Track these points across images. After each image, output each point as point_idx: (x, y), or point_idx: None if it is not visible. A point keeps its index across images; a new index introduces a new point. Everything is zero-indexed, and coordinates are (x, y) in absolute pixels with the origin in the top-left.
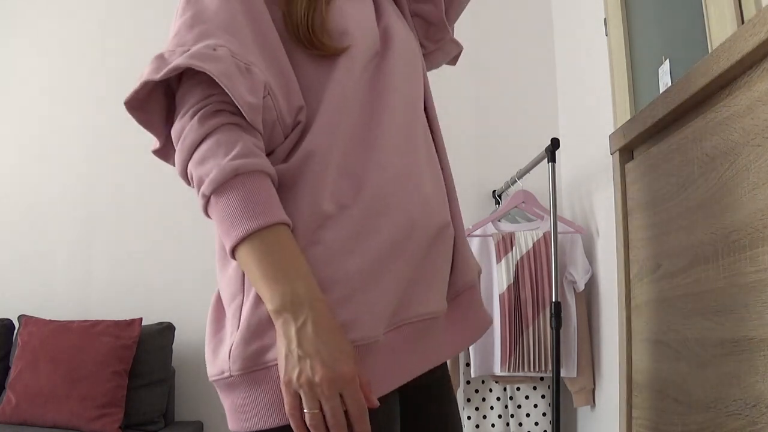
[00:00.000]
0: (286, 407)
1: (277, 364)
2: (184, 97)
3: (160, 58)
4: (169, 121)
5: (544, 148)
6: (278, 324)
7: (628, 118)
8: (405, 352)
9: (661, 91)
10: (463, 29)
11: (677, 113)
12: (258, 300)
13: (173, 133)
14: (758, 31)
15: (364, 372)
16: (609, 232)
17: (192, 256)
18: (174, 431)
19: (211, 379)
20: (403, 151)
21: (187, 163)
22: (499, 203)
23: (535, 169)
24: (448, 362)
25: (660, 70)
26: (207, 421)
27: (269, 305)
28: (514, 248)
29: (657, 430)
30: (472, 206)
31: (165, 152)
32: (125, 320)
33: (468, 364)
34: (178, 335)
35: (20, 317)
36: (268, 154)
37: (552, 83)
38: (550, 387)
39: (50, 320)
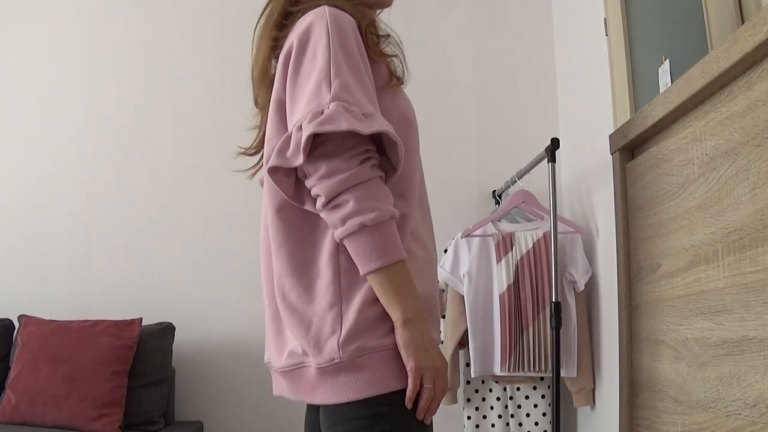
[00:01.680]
0: (413, 383)
1: (371, 353)
2: (348, 141)
3: (343, 109)
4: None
5: (544, 148)
6: (407, 327)
7: (628, 118)
8: None
9: (661, 91)
10: (463, 29)
11: (677, 113)
12: (362, 308)
13: (337, 165)
14: (758, 31)
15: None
16: (609, 232)
17: (192, 256)
18: (174, 431)
19: (320, 366)
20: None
21: (349, 193)
22: (499, 203)
23: (535, 169)
24: (448, 362)
25: (660, 70)
26: (207, 421)
27: (402, 314)
28: (514, 248)
29: (657, 430)
30: (472, 206)
31: (288, 172)
32: (125, 320)
33: (468, 364)
34: (178, 335)
35: (20, 317)
36: None
37: (552, 83)
38: (550, 387)
39: (50, 320)
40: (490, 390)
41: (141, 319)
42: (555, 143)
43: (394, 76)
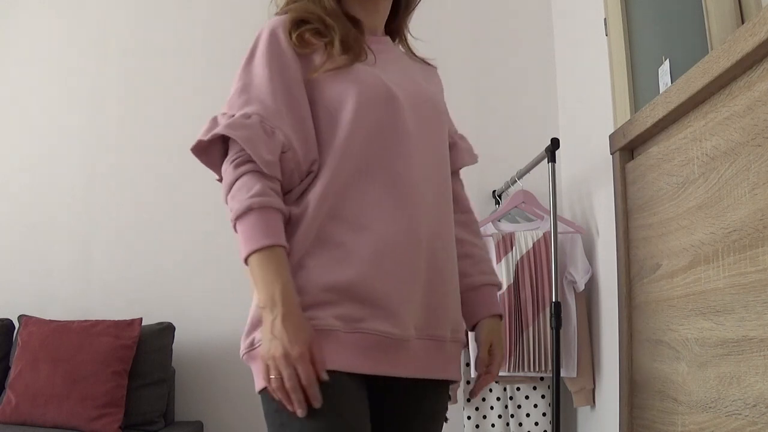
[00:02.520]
0: (263, 374)
1: (257, 347)
2: (229, 150)
3: (214, 121)
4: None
5: (544, 148)
6: (263, 316)
7: (628, 118)
8: (357, 351)
9: (661, 91)
10: (463, 29)
11: (677, 113)
12: (257, 303)
13: (222, 173)
14: (758, 31)
15: (319, 352)
16: (609, 232)
17: (192, 257)
18: (174, 431)
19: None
20: None
21: (227, 197)
22: (499, 203)
23: (535, 169)
24: None
25: (660, 70)
26: (207, 421)
27: (259, 303)
28: (514, 248)
29: (657, 430)
30: (472, 206)
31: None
32: (125, 320)
33: (468, 364)
34: (178, 335)
35: (20, 317)
36: (287, 193)
37: (552, 83)
38: (550, 387)
39: (50, 320)
40: (490, 390)
41: (141, 319)
42: (555, 143)
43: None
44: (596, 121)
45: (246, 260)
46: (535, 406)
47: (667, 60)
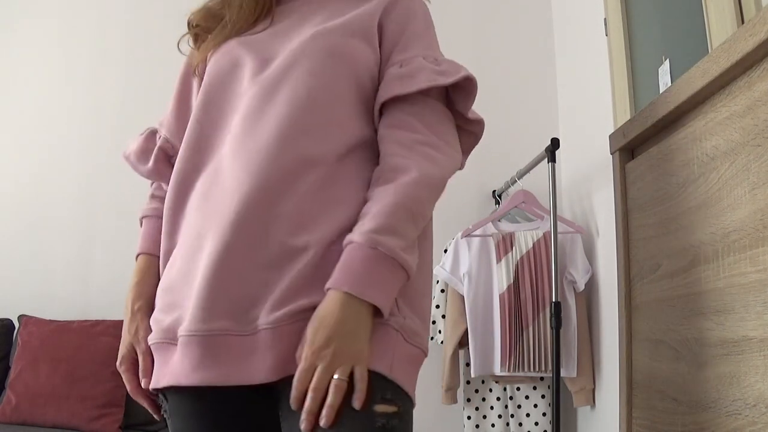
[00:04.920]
0: None
1: None
2: None
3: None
4: None
5: (544, 148)
6: None
7: (628, 118)
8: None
9: (661, 91)
10: (463, 29)
11: (677, 113)
12: None
13: None
14: (758, 31)
15: (141, 365)
16: (609, 232)
17: None
18: None
19: None
20: None
21: None
22: (499, 203)
23: (535, 169)
24: (448, 362)
25: (660, 70)
26: None
27: None
28: (514, 248)
29: (657, 430)
30: (472, 206)
31: None
32: None
33: (468, 364)
34: None
35: (20, 317)
36: None
37: (552, 83)
38: (550, 387)
39: (50, 320)
40: (490, 390)
41: None
42: (555, 143)
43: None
44: (596, 121)
45: None
46: (535, 406)
47: (667, 60)
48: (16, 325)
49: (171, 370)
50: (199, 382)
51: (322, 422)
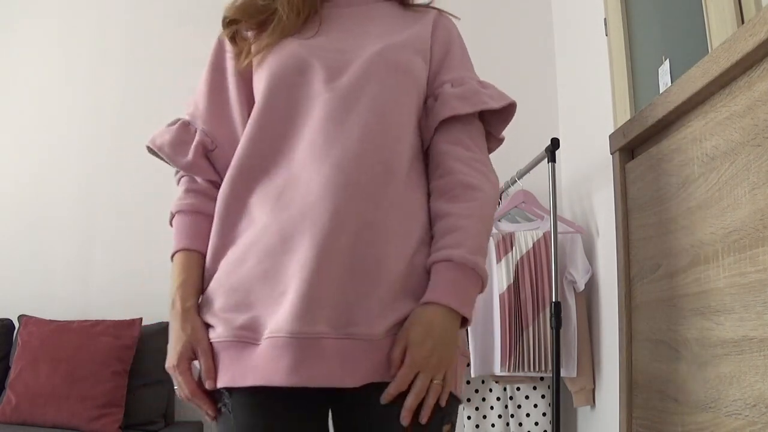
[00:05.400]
0: None
1: None
2: None
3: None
4: None
5: (544, 148)
6: None
7: (628, 118)
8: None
9: (661, 91)
10: (463, 29)
11: (677, 113)
12: None
13: None
14: (758, 31)
15: (204, 365)
16: (609, 232)
17: None
18: (174, 431)
19: None
20: None
21: None
22: (499, 203)
23: (535, 169)
24: None
25: (660, 70)
26: (207, 421)
27: None
28: (514, 248)
29: (657, 430)
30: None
31: None
32: (125, 320)
33: (468, 364)
34: None
35: (20, 317)
36: None
37: (552, 83)
38: (550, 387)
39: (50, 320)
40: (490, 390)
41: (141, 319)
42: (555, 143)
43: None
44: (596, 121)
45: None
46: (535, 406)
47: (667, 60)
48: (16, 325)
49: (257, 369)
50: (296, 383)
51: (423, 419)
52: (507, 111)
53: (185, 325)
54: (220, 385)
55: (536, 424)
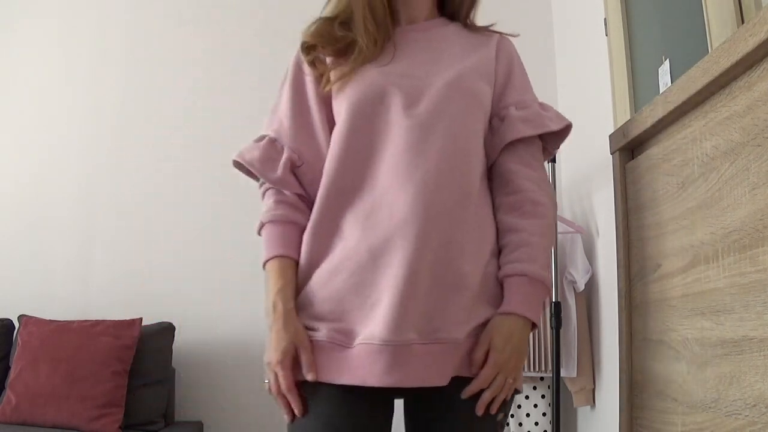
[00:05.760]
0: None
1: None
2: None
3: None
4: None
5: None
6: None
7: (628, 118)
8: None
9: (661, 91)
10: None
11: (677, 113)
12: None
13: None
14: (758, 31)
15: (306, 360)
16: (609, 232)
17: (192, 257)
18: (174, 431)
19: None
20: None
21: None
22: None
23: None
24: None
25: (660, 70)
26: (207, 421)
27: None
28: None
29: (657, 430)
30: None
31: None
32: (125, 320)
33: None
34: (178, 335)
35: (20, 317)
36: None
37: (552, 83)
38: (550, 387)
39: (50, 320)
40: None
41: (141, 319)
42: None
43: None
44: (596, 121)
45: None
46: (535, 406)
47: (667, 60)
48: (16, 325)
49: (351, 370)
50: (389, 383)
51: (493, 410)
52: (564, 131)
53: (288, 325)
54: (324, 379)
55: (536, 424)
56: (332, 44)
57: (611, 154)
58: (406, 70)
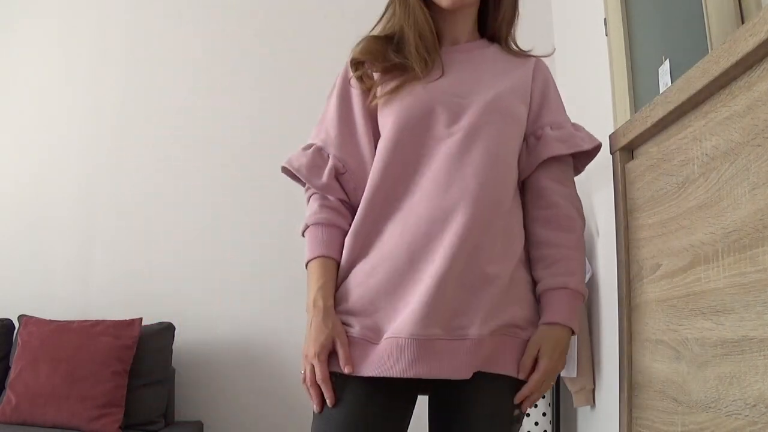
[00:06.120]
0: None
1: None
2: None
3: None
4: None
5: None
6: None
7: (628, 118)
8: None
9: (661, 91)
10: None
11: (677, 113)
12: None
13: None
14: (758, 31)
15: (343, 354)
16: (609, 232)
17: (192, 257)
18: (174, 431)
19: None
20: None
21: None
22: None
23: None
24: None
25: (660, 70)
26: (207, 421)
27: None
28: None
29: (657, 430)
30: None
31: None
32: (125, 320)
33: None
34: (178, 335)
35: (20, 317)
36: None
37: None
38: (551, 387)
39: (50, 320)
40: None
41: (141, 319)
42: None
43: (375, 95)
44: (596, 121)
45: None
46: (535, 406)
47: (667, 60)
48: (16, 325)
49: (377, 362)
50: (415, 374)
51: (525, 409)
52: (594, 150)
53: (327, 321)
54: (355, 373)
55: (536, 424)
56: (381, 62)
57: (611, 154)
58: (451, 89)
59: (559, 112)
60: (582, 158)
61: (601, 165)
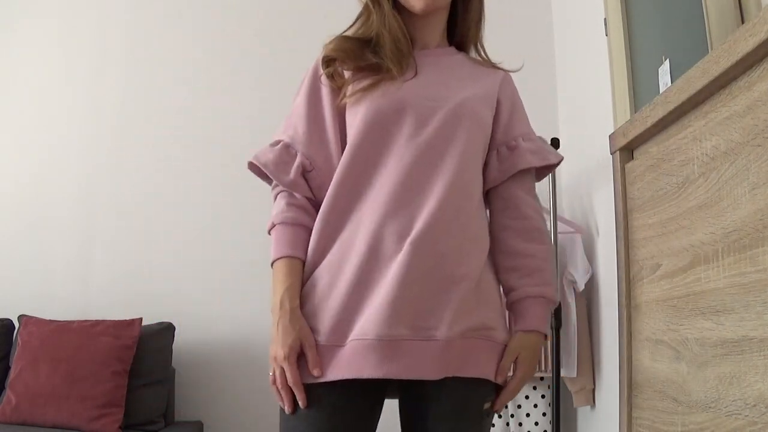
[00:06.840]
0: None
1: None
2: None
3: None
4: None
5: None
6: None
7: (628, 118)
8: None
9: (661, 91)
10: None
11: (677, 113)
12: None
13: None
14: (758, 31)
15: (311, 356)
16: (609, 232)
17: (192, 257)
18: (174, 431)
19: None
20: None
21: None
22: None
23: None
24: None
25: (660, 70)
26: (207, 421)
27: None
28: None
29: (657, 430)
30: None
31: None
32: (125, 320)
33: None
34: (178, 335)
35: (20, 317)
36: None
37: (552, 83)
38: (550, 387)
39: (50, 320)
40: None
41: (141, 319)
42: (555, 143)
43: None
44: (596, 121)
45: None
46: (535, 406)
47: (667, 60)
48: (16, 325)
49: (346, 365)
50: (384, 375)
51: (498, 409)
52: (556, 164)
53: (294, 323)
54: (324, 378)
55: (536, 424)
56: (354, 60)
57: (611, 154)
58: (423, 91)
59: (527, 123)
60: (544, 170)
61: (601, 165)
